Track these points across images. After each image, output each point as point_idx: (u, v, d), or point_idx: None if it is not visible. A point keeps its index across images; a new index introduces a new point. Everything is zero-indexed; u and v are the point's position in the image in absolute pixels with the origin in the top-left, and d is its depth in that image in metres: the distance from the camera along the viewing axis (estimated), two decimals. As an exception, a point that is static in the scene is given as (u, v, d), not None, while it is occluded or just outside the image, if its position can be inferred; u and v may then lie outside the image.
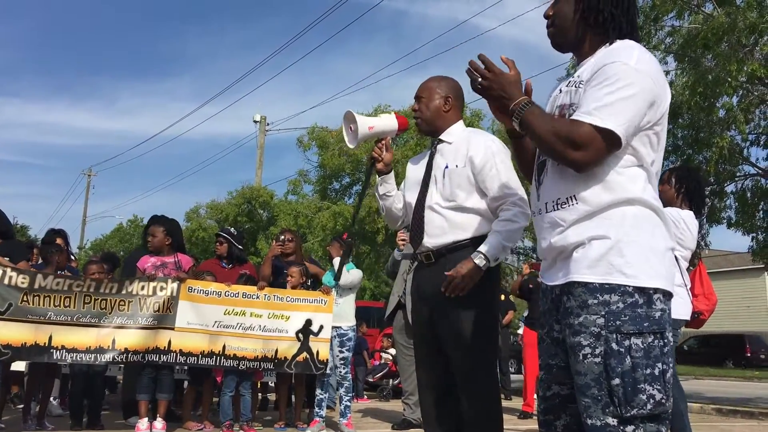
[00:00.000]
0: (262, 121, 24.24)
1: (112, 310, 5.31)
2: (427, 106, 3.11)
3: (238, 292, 5.74)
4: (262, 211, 23.89)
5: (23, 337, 5.02)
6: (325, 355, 5.84)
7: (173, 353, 5.41)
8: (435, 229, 2.98)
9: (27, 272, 5.18)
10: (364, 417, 7.30)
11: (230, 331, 5.63)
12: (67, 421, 5.76)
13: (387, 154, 3.18)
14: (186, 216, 25.59)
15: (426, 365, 3.07)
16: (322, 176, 21.66)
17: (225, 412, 5.66)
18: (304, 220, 19.79)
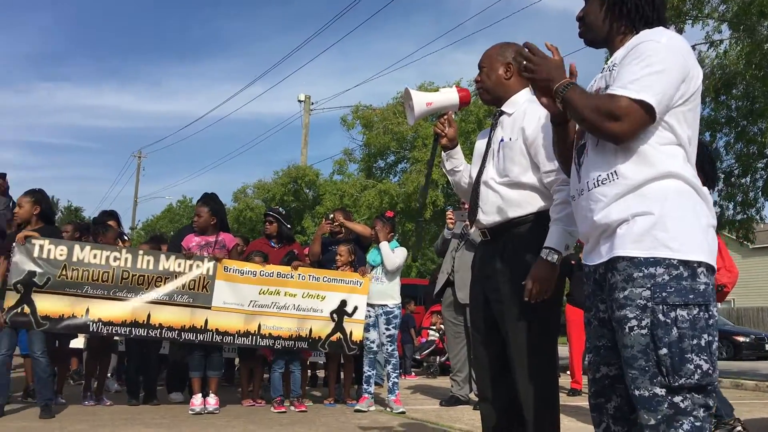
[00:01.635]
0: (306, 100, 24.31)
1: (149, 286, 5.41)
2: (488, 75, 3.00)
3: (273, 272, 5.80)
4: (308, 190, 24.05)
5: (61, 309, 5.15)
6: (358, 336, 5.88)
7: (210, 332, 5.49)
8: (489, 205, 2.91)
9: (65, 243, 5.30)
10: (412, 393, 7.34)
11: (265, 310, 5.70)
12: (124, 397, 5.95)
13: (450, 129, 3.11)
14: (233, 196, 25.96)
15: (482, 344, 3.03)
16: (366, 155, 21.64)
17: (276, 389, 5.76)
18: (349, 199, 19.82)
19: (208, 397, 5.46)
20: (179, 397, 6.03)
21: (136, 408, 5.56)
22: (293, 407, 5.72)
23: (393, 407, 5.75)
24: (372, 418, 5.34)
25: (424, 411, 5.88)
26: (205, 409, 5.35)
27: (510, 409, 2.94)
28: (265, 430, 4.64)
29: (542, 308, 2.74)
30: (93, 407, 5.52)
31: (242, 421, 4.99)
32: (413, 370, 10.25)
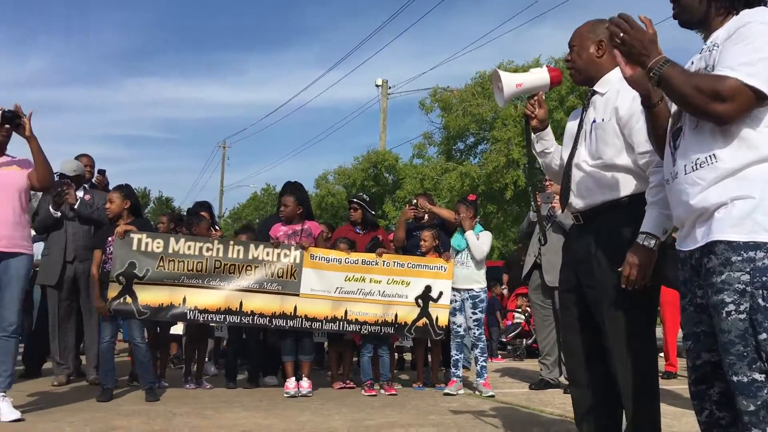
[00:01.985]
0: (383, 85, 24.37)
1: (240, 275, 5.61)
2: (579, 54, 2.92)
3: (358, 259, 5.89)
4: (387, 175, 24.18)
5: (160, 299, 5.43)
6: (444, 321, 5.90)
7: (299, 318, 5.66)
8: (582, 189, 2.84)
9: (161, 236, 5.57)
10: (501, 377, 7.32)
11: (351, 296, 5.82)
12: (221, 380, 6.20)
13: (540, 111, 3.06)
14: (315, 183, 26.40)
15: (572, 329, 2.98)
16: (446, 137, 21.57)
17: (365, 372, 5.87)
18: (430, 183, 19.83)
19: (301, 380, 5.62)
20: (274, 381, 6.24)
21: (233, 391, 5.80)
22: (383, 390, 5.81)
23: (482, 391, 5.76)
24: (461, 402, 5.37)
25: (514, 394, 5.87)
26: (299, 392, 5.51)
27: (602, 394, 2.91)
28: (358, 412, 4.74)
29: (640, 295, 2.66)
30: (194, 390, 5.79)
31: (335, 404, 5.11)
32: (499, 353, 10.19)
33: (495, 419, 4.46)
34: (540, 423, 4.42)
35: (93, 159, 6.53)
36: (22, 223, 4.32)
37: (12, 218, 4.23)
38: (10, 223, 4.21)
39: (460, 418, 4.55)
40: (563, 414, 4.73)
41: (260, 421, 4.31)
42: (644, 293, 2.68)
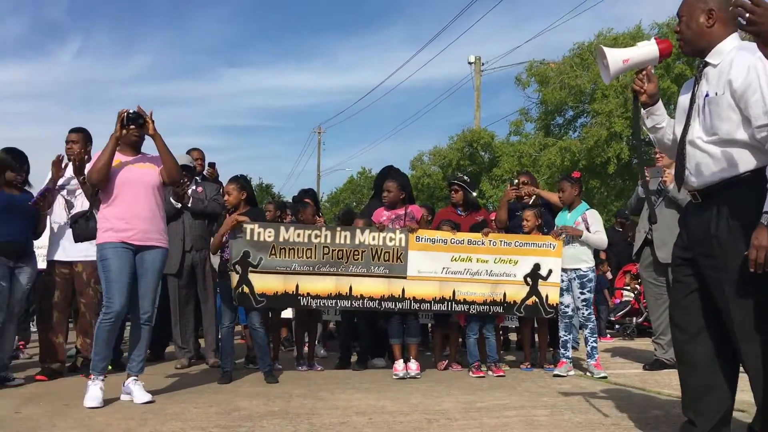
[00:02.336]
0: (476, 62, 24.06)
1: (348, 260, 5.72)
2: (688, 24, 2.81)
3: (464, 239, 5.87)
4: (483, 153, 23.92)
5: (274, 287, 5.61)
6: (554, 299, 5.80)
7: (407, 300, 5.72)
8: (698, 166, 2.75)
9: (272, 225, 5.74)
10: (612, 357, 7.15)
11: (458, 276, 5.81)
12: (330, 362, 6.38)
13: (650, 85, 2.96)
14: (410, 164, 26.48)
15: (682, 305, 2.92)
16: (543, 112, 21.06)
17: (472, 354, 5.88)
18: (528, 160, 19.47)
19: (409, 362, 5.70)
20: (382, 363, 6.36)
21: (344, 373, 5.96)
22: (491, 372, 5.81)
23: (594, 372, 5.65)
24: (573, 383, 5.29)
25: (627, 375, 5.72)
26: (408, 374, 5.59)
27: (713, 374, 2.83)
28: (467, 394, 4.76)
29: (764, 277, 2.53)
30: (306, 372, 5.99)
31: (444, 386, 5.15)
32: (608, 332, 9.93)
33: (609, 401, 4.37)
34: (658, 405, 4.29)
35: (203, 152, 6.82)
36: (157, 217, 4.56)
37: (147, 213, 4.48)
38: (146, 218, 4.47)
39: (573, 399, 4.48)
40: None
41: (373, 403, 4.41)
42: None
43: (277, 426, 3.69)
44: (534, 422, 3.77)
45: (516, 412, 4.08)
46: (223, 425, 3.71)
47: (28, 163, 5.34)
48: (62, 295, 5.57)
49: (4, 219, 5.05)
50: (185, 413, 4.04)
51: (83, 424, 3.75)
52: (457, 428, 3.63)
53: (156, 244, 4.52)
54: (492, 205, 21.15)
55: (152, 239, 4.50)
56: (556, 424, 3.73)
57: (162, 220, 4.62)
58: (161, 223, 4.61)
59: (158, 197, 4.58)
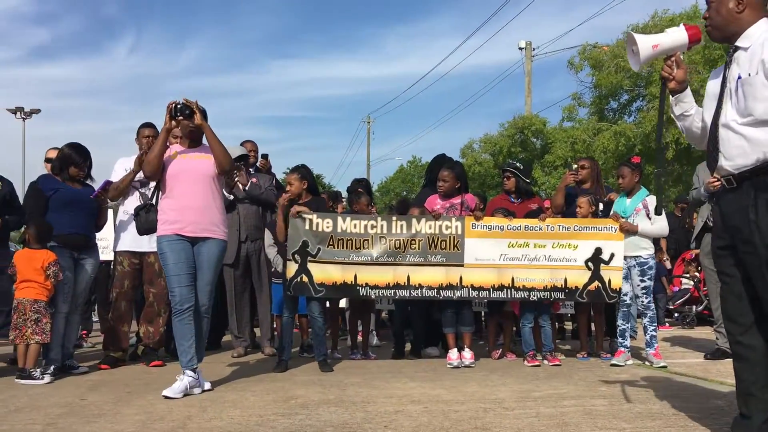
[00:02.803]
0: (527, 47, 23.73)
1: (405, 249, 5.71)
2: (717, 10, 2.81)
3: (521, 225, 5.79)
4: (535, 140, 23.59)
5: (333, 277, 5.64)
6: (617, 284, 5.67)
7: (466, 288, 5.69)
8: (732, 149, 2.71)
9: (330, 216, 5.77)
10: (671, 346, 6.98)
11: (516, 263, 5.73)
12: (385, 351, 6.41)
13: (679, 72, 2.96)
14: (461, 152, 26.28)
15: (731, 295, 2.88)
16: (597, 97, 20.63)
17: (527, 343, 5.82)
18: (581, 146, 19.10)
19: (463, 351, 5.68)
20: (435, 352, 6.35)
21: (398, 362, 5.97)
22: (546, 361, 5.74)
23: (653, 361, 5.53)
24: (631, 373, 5.19)
25: (688, 365, 5.59)
26: (462, 363, 5.57)
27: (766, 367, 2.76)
28: (524, 383, 4.72)
29: None
30: (360, 361, 6.03)
31: (499, 375, 5.12)
32: (666, 321, 9.70)
33: (670, 391, 4.27)
34: (721, 395, 4.18)
35: (256, 144, 6.91)
36: (212, 208, 4.51)
37: (200, 204, 4.45)
38: (198, 209, 4.45)
39: (632, 390, 4.39)
40: (747, 386, 4.43)
41: (428, 392, 4.41)
42: None
43: (334, 414, 3.73)
44: (592, 412, 3.72)
45: (573, 402, 4.02)
46: (281, 413, 3.77)
47: (90, 159, 5.50)
48: (130, 285, 5.72)
49: (68, 212, 5.23)
50: (243, 401, 4.12)
51: (146, 410, 3.86)
52: (513, 417, 3.61)
53: (210, 235, 4.48)
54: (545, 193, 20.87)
55: (206, 230, 4.46)
56: (615, 413, 3.66)
57: (219, 211, 4.57)
58: (217, 214, 4.55)
59: (215, 188, 4.55)
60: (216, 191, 4.58)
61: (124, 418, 3.68)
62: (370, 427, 3.42)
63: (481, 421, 3.50)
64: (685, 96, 3.01)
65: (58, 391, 4.50)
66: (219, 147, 4.50)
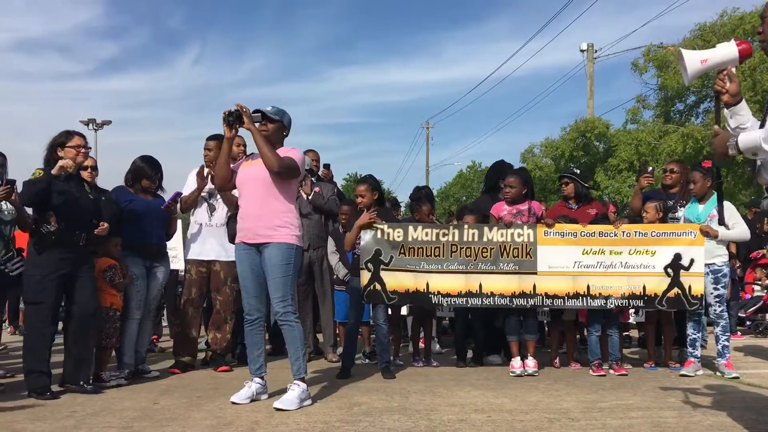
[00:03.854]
0: (589, 49, 23.33)
1: (476, 257, 5.71)
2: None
3: (594, 232, 5.70)
4: (598, 143, 23.10)
5: (406, 285, 5.71)
6: (698, 290, 5.52)
7: (539, 296, 5.64)
8: None
9: (401, 226, 5.84)
10: (744, 356, 6.75)
11: (591, 270, 5.65)
12: (446, 358, 6.40)
13: (732, 85, 2.93)
14: (521, 157, 25.97)
15: None
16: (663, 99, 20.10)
17: (593, 352, 5.72)
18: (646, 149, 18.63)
19: (526, 359, 5.63)
20: (497, 360, 6.31)
21: (460, 369, 5.96)
22: (612, 371, 5.63)
23: (724, 372, 5.36)
24: (702, 383, 5.05)
25: (761, 376, 5.40)
26: (525, 371, 5.53)
27: None
28: (589, 393, 4.65)
29: None
30: (423, 368, 6.04)
31: (564, 384, 5.06)
32: (738, 329, 9.37)
33: (743, 403, 4.14)
34: (798, 409, 4.03)
35: (318, 154, 7.02)
36: (270, 213, 4.38)
37: (257, 210, 4.41)
38: (255, 216, 4.42)
39: (703, 401, 4.28)
40: (826, 400, 4.26)
41: (491, 400, 4.40)
42: None
43: (397, 422, 3.76)
44: (661, 424, 3.64)
45: (641, 413, 3.94)
46: (345, 420, 3.83)
47: (161, 171, 5.70)
48: (198, 292, 5.89)
49: (141, 223, 5.43)
50: (308, 408, 4.19)
51: (215, 415, 3.97)
52: (579, 428, 3.56)
53: (267, 240, 4.35)
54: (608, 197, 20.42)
55: (262, 236, 4.38)
56: (685, 426, 3.58)
57: (278, 215, 4.38)
58: (276, 218, 4.37)
59: (275, 191, 4.39)
60: (276, 195, 4.40)
61: (195, 422, 3.80)
62: (434, 435, 3.43)
63: (546, 432, 3.48)
64: (740, 109, 2.97)
65: (132, 395, 4.67)
66: (263, 149, 4.32)
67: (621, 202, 19.29)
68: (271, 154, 4.33)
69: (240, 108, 4.40)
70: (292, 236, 4.43)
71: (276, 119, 4.49)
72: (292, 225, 4.45)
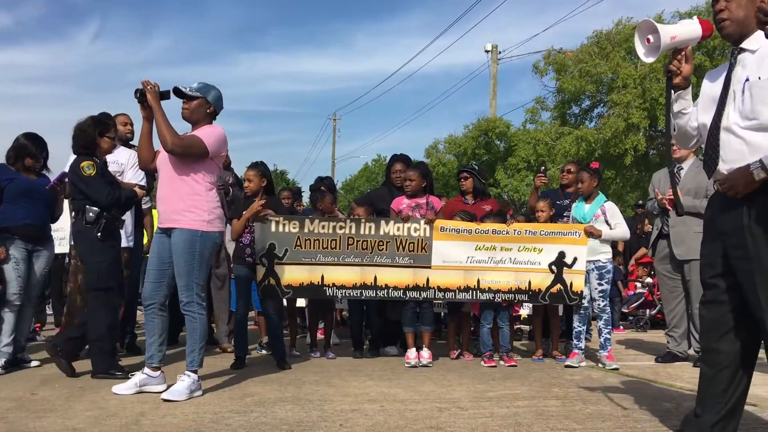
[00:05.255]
0: (493, 50, 23.92)
1: (372, 251, 5.75)
2: (740, 4, 2.71)
3: (488, 229, 5.87)
4: (499, 142, 23.78)
5: (301, 278, 5.69)
6: (579, 287, 5.79)
7: (432, 290, 5.77)
8: (732, 153, 2.68)
9: (297, 218, 5.79)
10: (625, 349, 7.13)
11: (482, 265, 5.82)
12: (342, 349, 6.41)
13: (686, 66, 2.89)
14: (425, 152, 26.35)
15: (715, 305, 2.89)
16: (560, 101, 20.90)
17: (485, 344, 5.88)
18: (543, 149, 19.35)
19: (421, 350, 5.72)
20: (394, 351, 6.37)
21: (356, 360, 5.97)
22: (502, 362, 5.81)
23: (606, 363, 5.64)
24: (585, 374, 5.29)
25: (639, 367, 5.71)
26: (420, 362, 5.61)
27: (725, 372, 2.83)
28: (480, 383, 4.78)
29: None
30: (319, 359, 6.02)
31: (456, 375, 5.17)
32: (621, 324, 9.90)
33: (621, 393, 4.37)
34: (669, 397, 4.29)
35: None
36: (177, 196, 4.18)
37: (167, 193, 4.22)
38: (165, 199, 4.22)
39: (585, 391, 4.49)
40: (694, 388, 4.53)
41: (385, 390, 4.44)
42: None
43: (289, 411, 3.73)
44: (545, 412, 3.78)
45: (527, 402, 4.09)
46: (236, 410, 3.75)
47: (47, 150, 5.38)
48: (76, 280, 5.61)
49: (23, 203, 5.11)
50: (198, 398, 4.09)
51: (99, 406, 3.81)
52: (468, 417, 3.65)
53: (173, 225, 4.19)
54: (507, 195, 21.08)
55: (169, 220, 4.21)
56: (567, 414, 3.74)
57: (186, 197, 4.17)
58: (181, 201, 4.17)
59: (183, 173, 4.18)
60: (183, 177, 4.19)
61: (76, 413, 3.63)
62: (326, 425, 3.42)
63: (435, 421, 3.54)
64: (687, 93, 2.96)
65: (8, 385, 4.41)
66: (159, 127, 4.11)
67: (519, 200, 19.96)
68: (167, 132, 4.09)
69: (144, 84, 4.19)
70: (199, 221, 4.18)
71: (195, 96, 4.29)
72: (200, 209, 4.19)
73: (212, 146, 4.22)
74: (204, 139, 4.19)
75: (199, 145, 4.17)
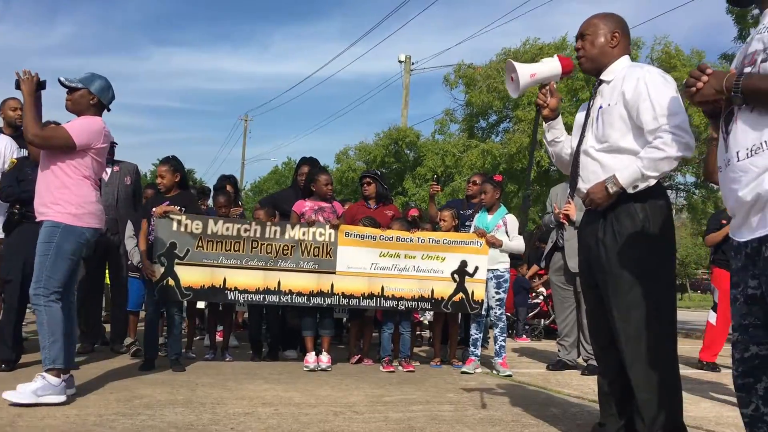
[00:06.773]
0: (406, 61, 24.21)
1: (277, 255, 5.68)
2: (593, 43, 3.00)
3: (393, 236, 5.92)
4: (408, 151, 24.06)
5: (202, 280, 5.52)
6: (480, 296, 5.93)
7: (336, 296, 5.74)
8: (589, 174, 2.93)
9: (200, 218, 5.62)
10: (519, 357, 7.36)
11: (387, 272, 5.86)
12: (240, 353, 6.29)
13: (552, 100, 3.15)
14: (336, 158, 26.33)
15: (594, 314, 3.10)
16: (468, 114, 21.37)
17: (385, 349, 5.93)
18: (451, 160, 19.71)
19: (320, 355, 5.69)
20: (293, 355, 6.32)
21: (254, 363, 5.89)
22: (401, 367, 5.87)
23: (499, 370, 5.80)
24: (479, 380, 5.42)
25: (531, 375, 5.90)
26: (319, 366, 5.59)
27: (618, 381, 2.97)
28: (376, 388, 4.80)
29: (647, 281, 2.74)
30: (216, 362, 5.88)
31: (354, 379, 5.18)
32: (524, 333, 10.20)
33: (512, 398, 4.49)
34: (557, 404, 4.45)
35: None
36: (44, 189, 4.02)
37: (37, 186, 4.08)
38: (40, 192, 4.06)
39: (477, 396, 4.58)
40: (580, 395, 4.75)
41: (280, 394, 4.38)
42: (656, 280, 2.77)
43: (179, 415, 3.62)
44: (438, 417, 3.84)
45: (421, 407, 4.14)
46: (122, 413, 3.60)
47: None
48: None
49: None
50: (83, 399, 3.91)
51: (-29, 408, 3.56)
52: (362, 421, 3.65)
53: (42, 218, 3.99)
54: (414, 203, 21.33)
55: (39, 213, 4.02)
56: (459, 419, 3.81)
57: (54, 190, 3.97)
58: (49, 194, 3.98)
59: (52, 165, 4.00)
60: (52, 168, 4.02)
61: (-56, 415, 3.38)
62: (216, 429, 3.34)
63: (329, 425, 3.52)
64: (557, 123, 3.21)
65: None
66: (25, 118, 3.96)
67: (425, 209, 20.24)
68: (29, 122, 3.91)
69: (18, 75, 3.98)
70: (65, 214, 3.97)
71: (76, 86, 4.11)
72: (67, 202, 3.98)
73: (79, 138, 3.99)
74: (70, 131, 3.99)
75: (62, 136, 3.97)
